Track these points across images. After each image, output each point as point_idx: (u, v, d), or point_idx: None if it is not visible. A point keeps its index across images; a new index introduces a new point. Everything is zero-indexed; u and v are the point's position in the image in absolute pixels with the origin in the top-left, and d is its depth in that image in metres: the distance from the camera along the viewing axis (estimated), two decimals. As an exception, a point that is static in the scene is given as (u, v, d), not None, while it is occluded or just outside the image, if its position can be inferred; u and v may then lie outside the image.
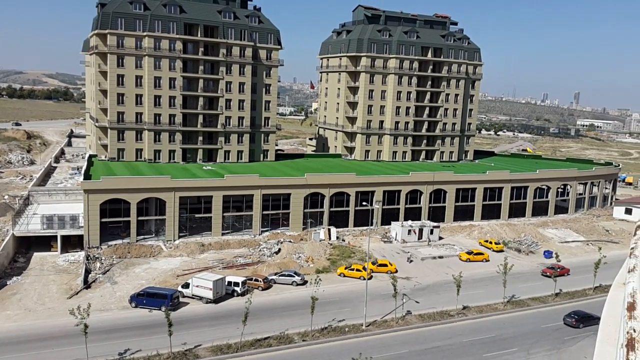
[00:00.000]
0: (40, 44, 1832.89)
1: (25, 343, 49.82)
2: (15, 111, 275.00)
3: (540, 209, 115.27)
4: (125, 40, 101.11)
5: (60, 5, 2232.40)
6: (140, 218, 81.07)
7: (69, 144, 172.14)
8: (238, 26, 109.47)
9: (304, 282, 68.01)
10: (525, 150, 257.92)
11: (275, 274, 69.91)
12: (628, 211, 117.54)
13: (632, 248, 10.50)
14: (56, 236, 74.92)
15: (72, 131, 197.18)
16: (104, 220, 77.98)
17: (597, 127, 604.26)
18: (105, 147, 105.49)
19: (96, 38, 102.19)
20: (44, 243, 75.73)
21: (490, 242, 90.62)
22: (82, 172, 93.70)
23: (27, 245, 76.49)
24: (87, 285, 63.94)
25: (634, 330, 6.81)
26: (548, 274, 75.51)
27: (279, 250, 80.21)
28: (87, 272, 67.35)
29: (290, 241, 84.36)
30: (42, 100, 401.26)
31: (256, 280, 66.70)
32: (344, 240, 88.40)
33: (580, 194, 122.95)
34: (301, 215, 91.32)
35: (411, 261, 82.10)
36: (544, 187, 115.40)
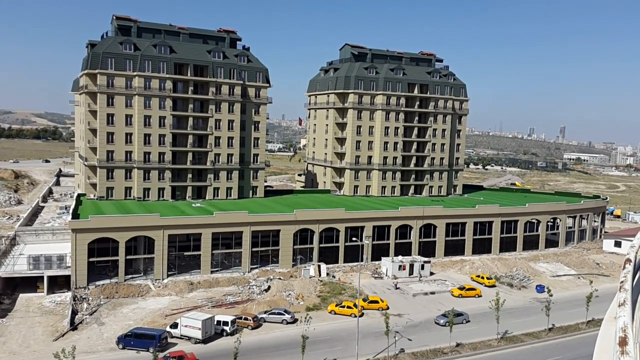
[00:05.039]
0: (30, 84, 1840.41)
1: (8, 388, 48.32)
2: (3, 150, 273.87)
3: (531, 243, 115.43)
4: (115, 80, 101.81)
5: (50, 45, 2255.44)
6: (128, 257, 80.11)
7: (58, 183, 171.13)
8: (227, 65, 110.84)
9: (294, 321, 67.01)
10: (514, 184, 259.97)
11: (265, 312, 68.90)
12: (617, 244, 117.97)
13: (622, 282, 10.50)
14: (43, 277, 73.68)
15: (60, 170, 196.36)
16: (91, 259, 76.91)
17: (584, 160, 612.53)
18: (94, 185, 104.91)
19: (86, 78, 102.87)
20: (30, 284, 74.36)
21: (482, 277, 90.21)
22: (70, 211, 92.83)
23: (13, 286, 75.01)
24: (73, 326, 62.60)
25: (626, 366, 6.75)
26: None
27: (269, 287, 79.28)
28: (74, 313, 66.03)
29: (280, 278, 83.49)
30: (31, 140, 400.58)
31: (246, 319, 65.68)
32: (334, 276, 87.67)
33: (569, 227, 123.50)
34: (291, 252, 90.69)
35: (397, 288, 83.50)
36: (533, 220, 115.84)
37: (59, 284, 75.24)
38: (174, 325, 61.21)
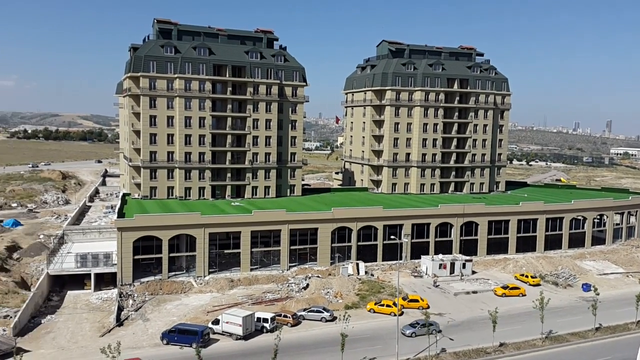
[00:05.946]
0: (76, 87, 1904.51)
1: (58, 382, 49.99)
2: (50, 152, 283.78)
3: (576, 241, 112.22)
4: (157, 82, 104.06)
5: (95, 49, 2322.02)
6: (171, 255, 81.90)
7: (104, 183, 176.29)
8: (264, 65, 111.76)
9: (333, 319, 67.11)
10: (559, 180, 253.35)
11: (304, 310, 69.22)
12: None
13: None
14: (90, 274, 76.04)
15: (106, 171, 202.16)
16: (136, 257, 79.02)
17: (632, 155, 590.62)
18: (138, 185, 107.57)
19: (129, 81, 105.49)
20: (78, 281, 76.87)
21: (526, 276, 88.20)
22: (116, 210, 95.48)
23: (61, 283, 77.73)
24: (119, 322, 64.39)
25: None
26: None
27: (307, 285, 79.64)
28: (120, 309, 67.90)
29: (318, 276, 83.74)
30: (77, 142, 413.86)
31: (285, 316, 66.15)
32: (372, 275, 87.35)
33: (617, 224, 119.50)
34: (329, 250, 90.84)
35: (437, 286, 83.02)
36: (579, 217, 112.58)
37: (105, 281, 77.52)
38: (216, 322, 62.22)
